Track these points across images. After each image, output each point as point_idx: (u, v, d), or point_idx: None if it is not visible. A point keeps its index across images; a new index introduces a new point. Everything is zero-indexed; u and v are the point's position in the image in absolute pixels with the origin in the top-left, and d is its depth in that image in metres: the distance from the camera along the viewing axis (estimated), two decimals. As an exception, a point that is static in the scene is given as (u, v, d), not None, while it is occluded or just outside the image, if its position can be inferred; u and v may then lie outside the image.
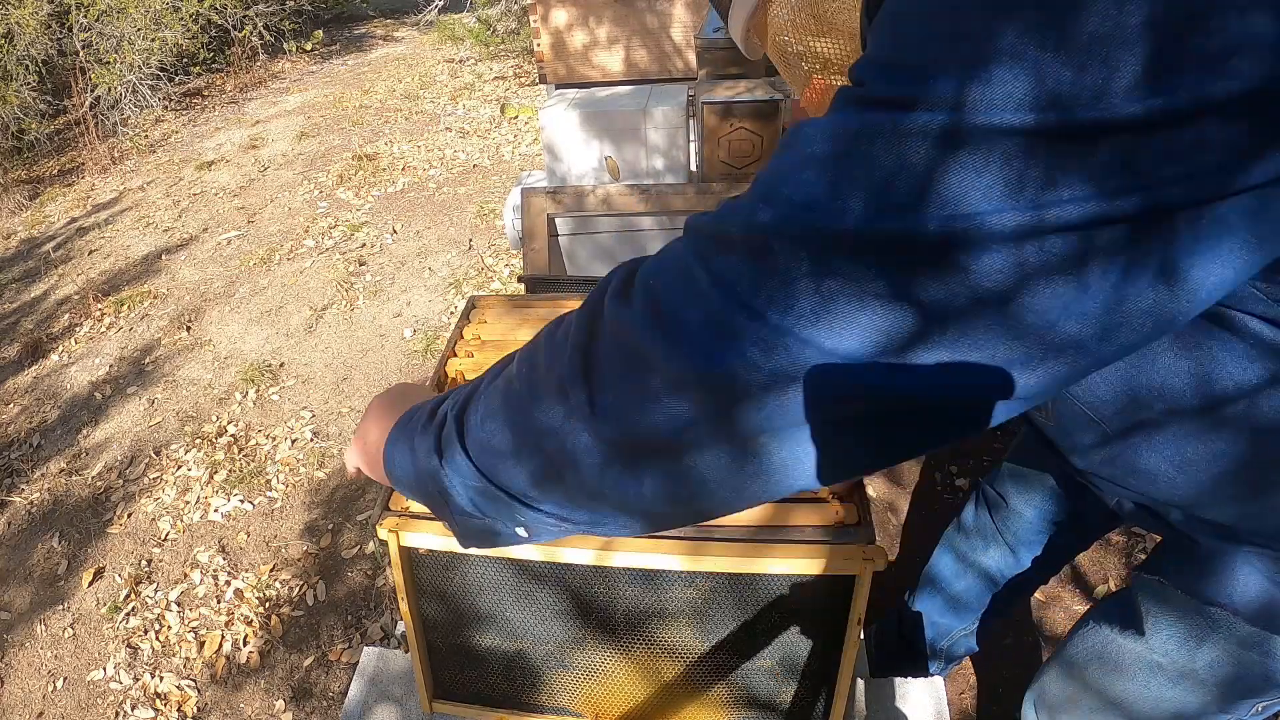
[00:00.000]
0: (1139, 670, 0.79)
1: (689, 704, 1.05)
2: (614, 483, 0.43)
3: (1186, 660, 0.74)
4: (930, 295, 0.33)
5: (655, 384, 0.39)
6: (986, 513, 1.21)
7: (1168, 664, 0.76)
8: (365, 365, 2.71)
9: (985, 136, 0.31)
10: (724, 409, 0.38)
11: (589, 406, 0.42)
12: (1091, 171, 0.30)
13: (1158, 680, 0.78)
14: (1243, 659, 0.70)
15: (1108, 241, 0.31)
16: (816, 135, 0.36)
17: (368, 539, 2.01)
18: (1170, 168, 0.30)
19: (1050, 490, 1.10)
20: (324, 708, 1.64)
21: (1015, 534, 1.17)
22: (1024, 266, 0.32)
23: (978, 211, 0.31)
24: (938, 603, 1.33)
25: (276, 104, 5.73)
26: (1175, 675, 0.76)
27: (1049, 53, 0.29)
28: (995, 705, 1.53)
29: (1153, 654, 0.78)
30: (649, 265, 0.42)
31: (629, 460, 0.42)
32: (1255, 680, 0.71)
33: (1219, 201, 0.31)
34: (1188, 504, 0.62)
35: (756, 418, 0.38)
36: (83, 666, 1.79)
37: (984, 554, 1.23)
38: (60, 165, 4.95)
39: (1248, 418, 0.53)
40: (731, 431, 0.39)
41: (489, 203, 3.73)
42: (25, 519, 2.23)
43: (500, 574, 0.98)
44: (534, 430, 0.45)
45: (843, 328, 0.34)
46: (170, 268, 3.52)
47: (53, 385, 2.81)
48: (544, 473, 0.45)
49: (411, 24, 7.55)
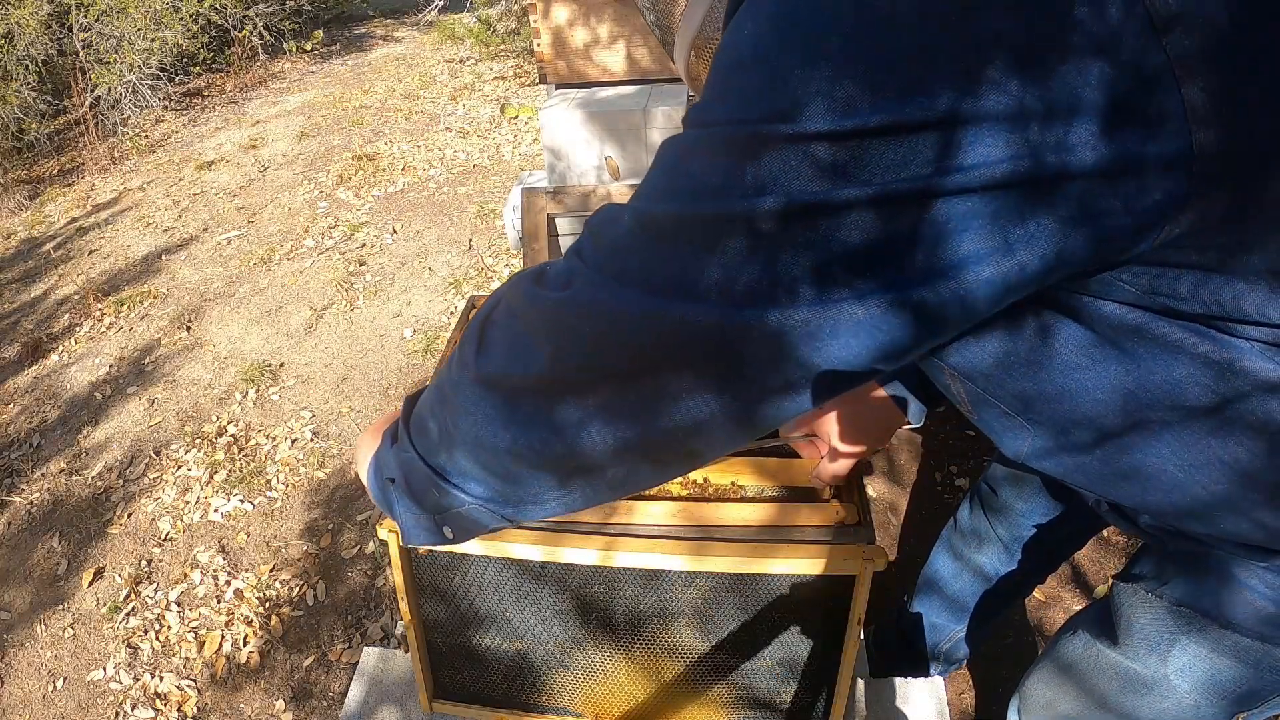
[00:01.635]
0: (1114, 677, 0.79)
1: (689, 704, 1.05)
2: (494, 422, 0.50)
3: (1158, 666, 0.74)
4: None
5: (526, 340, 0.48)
6: (981, 511, 1.20)
7: (1141, 670, 0.76)
8: (365, 365, 2.71)
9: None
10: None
11: (474, 356, 0.50)
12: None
13: (1132, 687, 0.78)
14: (1215, 665, 0.70)
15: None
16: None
17: (368, 539, 2.01)
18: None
19: (1042, 485, 1.10)
20: (324, 708, 1.64)
21: (1009, 531, 1.17)
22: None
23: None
24: (936, 603, 1.33)
25: (276, 104, 5.73)
26: (1149, 681, 0.75)
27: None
28: (995, 705, 1.53)
29: (1126, 660, 0.77)
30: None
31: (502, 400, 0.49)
32: (1228, 686, 0.70)
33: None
34: (1174, 513, 0.61)
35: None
36: (83, 666, 1.79)
37: (979, 553, 1.22)
38: (60, 165, 4.95)
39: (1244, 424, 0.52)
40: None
41: (489, 203, 3.73)
42: (25, 519, 2.23)
43: (500, 574, 0.98)
44: (442, 389, 0.54)
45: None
46: (170, 268, 3.52)
47: (53, 385, 2.81)
48: (449, 426, 0.53)
49: (411, 24, 7.55)
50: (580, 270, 0.46)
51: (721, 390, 0.44)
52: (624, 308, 0.43)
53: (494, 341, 0.50)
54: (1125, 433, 0.55)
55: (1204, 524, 0.60)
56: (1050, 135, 0.35)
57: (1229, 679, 0.70)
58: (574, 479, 0.51)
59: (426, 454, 0.56)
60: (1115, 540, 1.79)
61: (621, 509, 0.94)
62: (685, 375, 0.43)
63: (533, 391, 0.48)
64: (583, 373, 0.46)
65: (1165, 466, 0.55)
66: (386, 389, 2.58)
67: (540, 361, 0.47)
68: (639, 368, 0.44)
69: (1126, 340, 0.49)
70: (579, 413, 0.47)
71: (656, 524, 0.92)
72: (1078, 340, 0.50)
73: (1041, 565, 1.21)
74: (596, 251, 0.46)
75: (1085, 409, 0.54)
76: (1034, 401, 0.56)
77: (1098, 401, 0.53)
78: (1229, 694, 0.71)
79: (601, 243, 0.46)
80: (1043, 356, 0.52)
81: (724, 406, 0.44)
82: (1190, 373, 0.48)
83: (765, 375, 0.42)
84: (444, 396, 0.55)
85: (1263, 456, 0.51)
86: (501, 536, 0.91)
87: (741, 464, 0.99)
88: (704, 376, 0.43)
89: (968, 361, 0.56)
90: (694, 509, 0.93)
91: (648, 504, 0.94)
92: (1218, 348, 0.47)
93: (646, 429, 0.46)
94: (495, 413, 0.50)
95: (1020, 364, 0.53)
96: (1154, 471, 0.56)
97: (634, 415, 0.46)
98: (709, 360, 0.42)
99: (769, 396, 0.44)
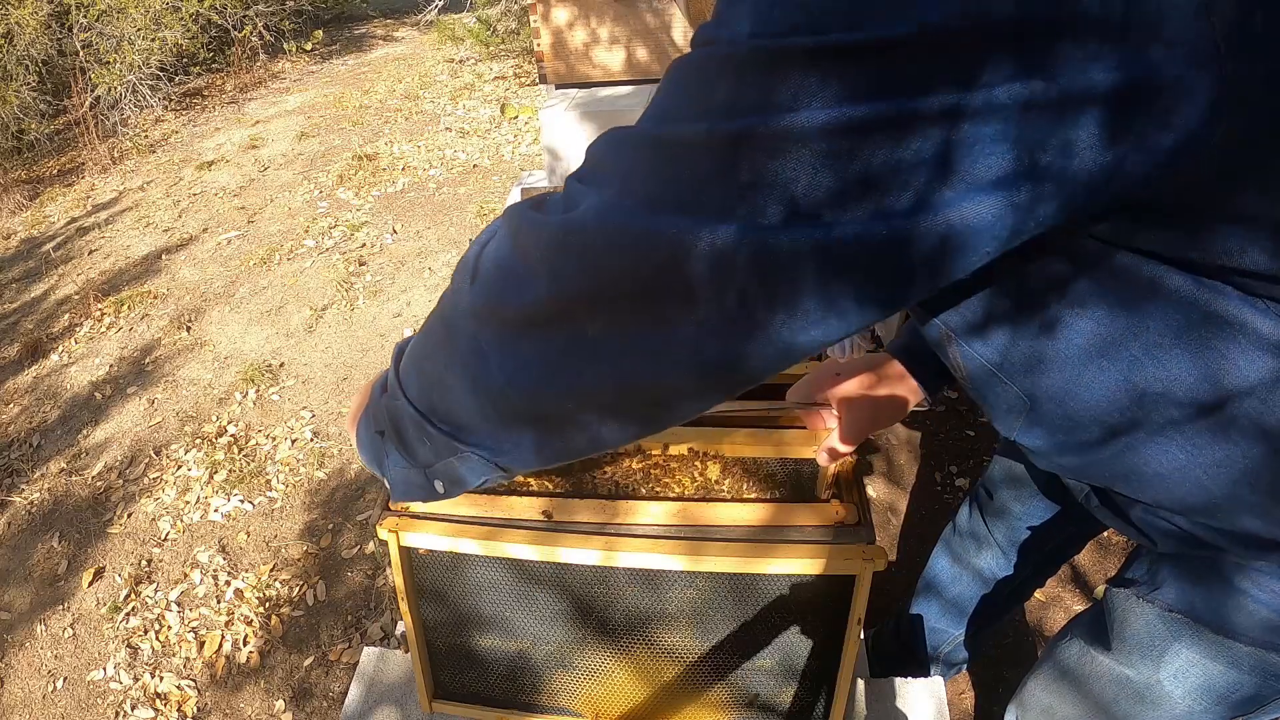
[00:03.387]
0: (1110, 683, 0.79)
1: (689, 704, 1.05)
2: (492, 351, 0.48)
3: (1151, 671, 0.74)
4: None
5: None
6: (979, 514, 1.20)
7: (1134, 676, 0.76)
8: (365, 365, 2.71)
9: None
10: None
11: (469, 287, 0.49)
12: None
13: (1126, 693, 0.78)
14: (1210, 670, 0.69)
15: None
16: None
17: (368, 539, 2.01)
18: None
19: (1039, 489, 1.09)
20: (324, 708, 1.64)
21: (1007, 535, 1.16)
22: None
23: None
24: (935, 607, 1.33)
25: (276, 104, 5.73)
26: (1142, 687, 0.75)
27: None
28: (995, 706, 1.53)
29: (1120, 666, 0.77)
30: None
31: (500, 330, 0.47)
32: (1223, 692, 0.70)
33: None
34: (1171, 502, 0.61)
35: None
36: (83, 666, 1.79)
37: (978, 556, 1.22)
38: (60, 165, 4.95)
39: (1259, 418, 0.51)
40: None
41: (489, 203, 3.73)
42: (25, 519, 2.23)
43: (500, 574, 0.98)
44: (433, 329, 0.53)
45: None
46: (170, 268, 3.52)
47: (53, 385, 2.81)
48: (440, 367, 0.51)
49: (411, 24, 7.55)
50: (583, 192, 0.43)
51: (733, 316, 0.41)
52: (636, 225, 0.41)
53: (489, 272, 0.47)
54: (1130, 409, 0.54)
55: (1206, 516, 0.60)
56: (1078, 53, 0.34)
57: (1224, 685, 0.69)
58: (572, 420, 0.48)
59: (417, 400, 0.54)
60: (1115, 542, 1.79)
61: (621, 509, 0.94)
62: (699, 299, 0.40)
63: (529, 322, 0.45)
64: (584, 299, 0.43)
65: (1169, 449, 0.55)
66: (386, 389, 2.58)
67: (539, 289, 0.44)
68: (647, 291, 0.41)
69: (1136, 294, 0.48)
70: (578, 344, 0.44)
71: (656, 524, 0.92)
72: (1084, 295, 0.49)
73: (1039, 569, 1.20)
74: (601, 173, 0.43)
75: (1089, 380, 0.53)
76: (1036, 368, 0.54)
77: (1102, 371, 0.52)
78: (1224, 699, 0.70)
79: (608, 166, 0.43)
80: (1049, 315, 0.50)
81: (734, 331, 0.41)
82: (1197, 332, 0.48)
83: (786, 299, 0.40)
84: (435, 337, 0.52)
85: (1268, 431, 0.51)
86: (501, 536, 0.91)
87: (742, 435, 0.99)
88: (719, 302, 0.40)
89: (967, 321, 0.55)
90: (693, 509, 0.93)
91: (648, 504, 0.94)
92: (1227, 304, 0.46)
93: (654, 362, 0.43)
94: (489, 348, 0.47)
95: (1024, 324, 0.52)
96: (1156, 456, 0.56)
97: (639, 346, 0.43)
98: (727, 282, 0.39)
99: (788, 321, 0.41)
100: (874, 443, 2.16)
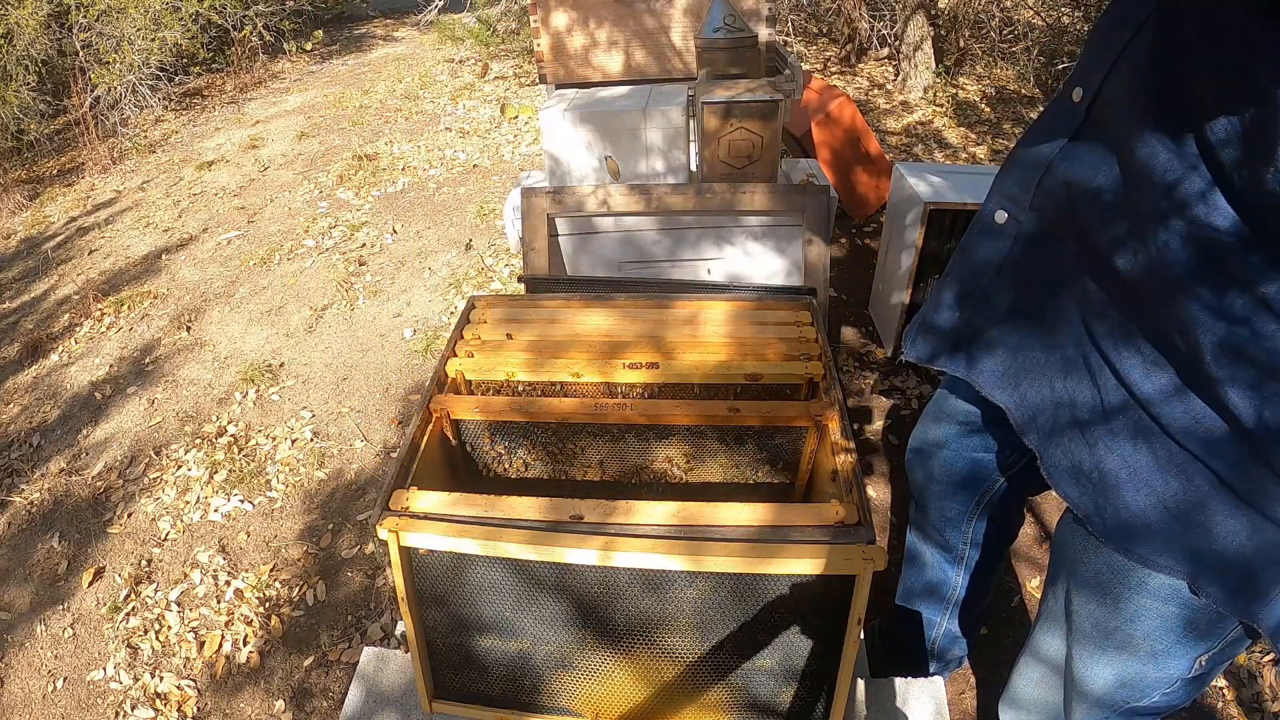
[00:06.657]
0: (1077, 642, 0.82)
1: (689, 704, 1.05)
2: None
3: (1107, 617, 0.76)
4: None
5: None
6: (923, 512, 1.25)
7: (1090, 629, 0.78)
8: (365, 365, 2.71)
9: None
10: None
11: None
12: None
13: (1089, 648, 0.79)
14: (1162, 611, 0.71)
15: None
16: None
17: (367, 539, 2.01)
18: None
19: (947, 474, 1.12)
20: (324, 708, 1.64)
21: (940, 517, 1.20)
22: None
23: None
24: (922, 595, 1.35)
25: (276, 104, 5.73)
26: (1103, 635, 0.77)
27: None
28: (995, 705, 1.53)
29: (1080, 619, 0.79)
30: None
31: None
32: (1179, 625, 0.71)
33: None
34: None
35: None
36: (83, 666, 1.79)
37: (937, 550, 1.26)
38: (60, 165, 4.95)
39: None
40: None
41: (489, 203, 3.73)
42: (25, 519, 2.23)
43: (500, 575, 0.98)
44: None
45: None
46: (170, 268, 3.52)
47: (53, 385, 2.81)
48: None
49: (411, 24, 7.55)
50: None
51: None
52: None
53: None
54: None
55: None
56: None
57: (1178, 620, 0.71)
58: None
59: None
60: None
61: (621, 509, 0.94)
62: None
63: None
64: None
65: None
66: (386, 389, 2.58)
67: None
68: None
69: None
70: None
71: (656, 524, 0.92)
72: None
73: (991, 542, 1.22)
74: None
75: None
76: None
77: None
78: (1185, 634, 0.72)
79: None
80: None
81: None
82: None
83: None
84: None
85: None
86: (501, 536, 0.91)
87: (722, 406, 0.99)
88: None
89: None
90: (694, 509, 0.93)
91: (648, 504, 0.94)
92: None
93: None
94: None
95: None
96: None
97: None
98: None
99: None
100: (874, 443, 2.16)
